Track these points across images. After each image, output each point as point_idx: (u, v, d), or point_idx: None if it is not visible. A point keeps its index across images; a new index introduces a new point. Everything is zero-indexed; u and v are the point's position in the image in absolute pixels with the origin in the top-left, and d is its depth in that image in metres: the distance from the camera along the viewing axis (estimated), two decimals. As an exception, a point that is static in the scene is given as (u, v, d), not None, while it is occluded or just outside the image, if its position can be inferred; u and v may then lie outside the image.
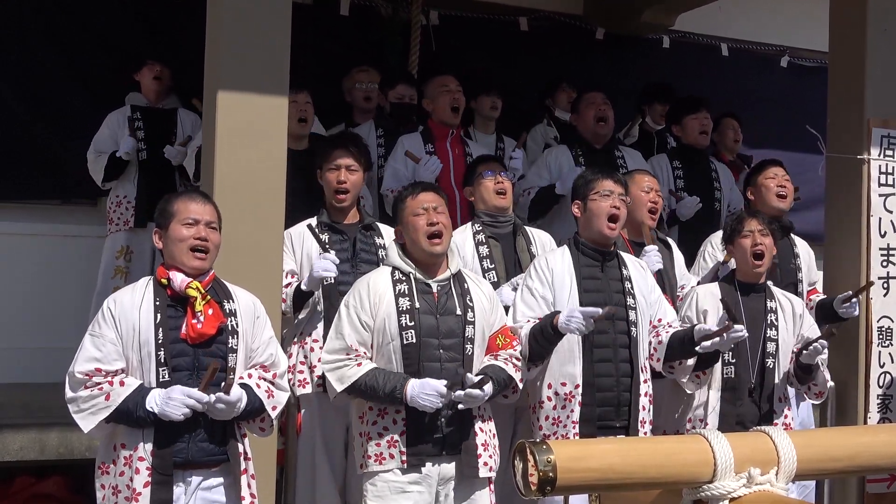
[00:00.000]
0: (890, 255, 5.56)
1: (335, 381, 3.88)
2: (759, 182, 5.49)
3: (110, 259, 6.01)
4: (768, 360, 4.61)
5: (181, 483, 3.47)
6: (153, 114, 6.12)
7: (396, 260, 4.03)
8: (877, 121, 5.55)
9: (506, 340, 4.08)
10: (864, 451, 2.36)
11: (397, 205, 4.17)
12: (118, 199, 6.02)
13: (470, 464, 3.92)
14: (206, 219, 3.61)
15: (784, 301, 4.77)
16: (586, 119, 5.99)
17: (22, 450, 4.83)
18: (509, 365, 4.02)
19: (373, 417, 3.91)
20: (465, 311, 3.98)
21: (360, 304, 3.93)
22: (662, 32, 7.99)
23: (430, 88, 5.83)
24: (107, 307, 3.52)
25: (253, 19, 4.31)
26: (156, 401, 3.39)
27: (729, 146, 6.89)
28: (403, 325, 3.89)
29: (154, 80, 6.14)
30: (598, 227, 4.38)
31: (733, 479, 2.17)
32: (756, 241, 4.67)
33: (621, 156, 6.02)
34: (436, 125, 5.74)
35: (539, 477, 2.05)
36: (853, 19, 5.61)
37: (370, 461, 3.87)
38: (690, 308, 4.68)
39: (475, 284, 4.12)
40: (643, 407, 4.31)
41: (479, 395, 3.83)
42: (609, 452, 2.18)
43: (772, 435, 2.26)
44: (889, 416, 5.48)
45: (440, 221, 4.01)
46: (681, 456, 2.20)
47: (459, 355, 3.94)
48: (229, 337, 3.57)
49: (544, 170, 5.88)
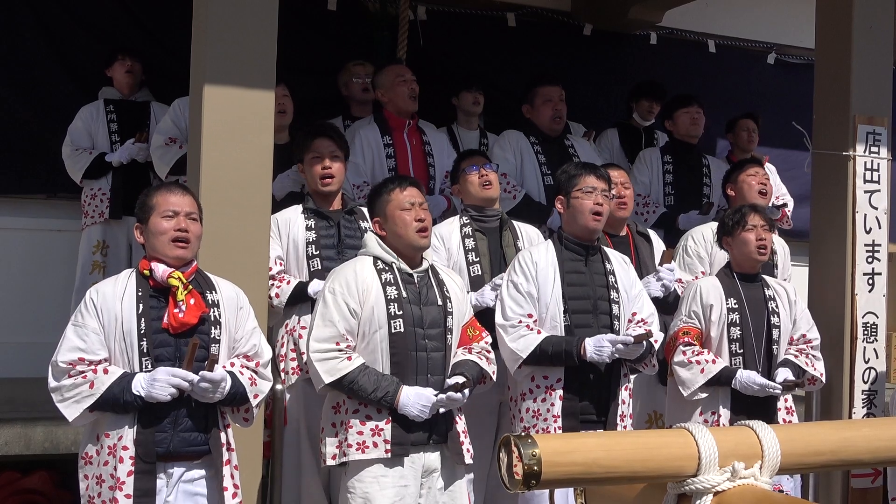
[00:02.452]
0: (875, 252, 5.59)
1: (324, 373, 3.82)
2: (741, 179, 5.53)
3: (87, 254, 6.01)
4: (773, 347, 4.69)
5: (163, 475, 3.48)
6: (126, 106, 6.12)
7: (377, 249, 4.00)
8: (862, 118, 5.57)
9: (475, 332, 4.10)
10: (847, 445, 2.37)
11: (379, 196, 4.10)
12: (93, 191, 6.00)
13: (456, 451, 3.93)
14: (185, 210, 3.61)
15: (779, 288, 4.86)
16: (543, 115, 5.92)
17: (7, 444, 4.81)
18: (482, 359, 4.03)
19: (353, 405, 3.86)
20: (444, 302, 3.99)
21: (347, 291, 3.88)
22: (650, 29, 8.00)
23: (385, 79, 5.69)
24: (89, 297, 3.52)
25: (240, 13, 4.30)
26: (141, 384, 3.40)
27: (743, 146, 6.91)
28: (392, 314, 3.87)
29: (126, 73, 6.14)
30: (583, 222, 4.40)
31: (717, 472, 2.17)
32: (760, 236, 4.74)
33: (571, 144, 5.99)
34: (392, 116, 5.64)
35: (524, 471, 2.05)
36: (839, 17, 5.63)
37: (351, 449, 3.80)
38: (696, 302, 4.70)
39: (448, 276, 4.14)
40: (623, 401, 4.33)
41: (459, 398, 3.86)
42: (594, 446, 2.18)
43: (756, 429, 2.26)
44: (873, 412, 5.50)
45: (426, 218, 4.03)
46: (665, 450, 2.20)
47: (442, 345, 3.95)
48: (212, 327, 3.58)
49: (510, 153, 5.81)
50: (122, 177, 5.91)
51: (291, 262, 4.62)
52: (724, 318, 4.66)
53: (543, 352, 4.20)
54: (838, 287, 5.56)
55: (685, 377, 4.60)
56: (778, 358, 4.72)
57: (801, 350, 4.80)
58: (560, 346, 4.21)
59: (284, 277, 4.56)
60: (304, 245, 4.61)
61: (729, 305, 4.68)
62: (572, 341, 4.21)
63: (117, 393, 3.40)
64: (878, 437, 2.40)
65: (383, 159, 5.50)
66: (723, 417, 4.58)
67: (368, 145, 5.52)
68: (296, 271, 4.62)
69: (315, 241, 4.62)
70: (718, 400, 4.63)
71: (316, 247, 4.61)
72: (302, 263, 4.61)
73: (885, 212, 5.64)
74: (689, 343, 4.64)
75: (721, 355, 4.65)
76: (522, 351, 4.21)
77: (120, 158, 5.89)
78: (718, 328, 4.67)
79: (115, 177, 5.94)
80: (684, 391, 4.60)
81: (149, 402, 3.40)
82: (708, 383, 4.58)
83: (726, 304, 4.68)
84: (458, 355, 4.02)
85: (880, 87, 5.66)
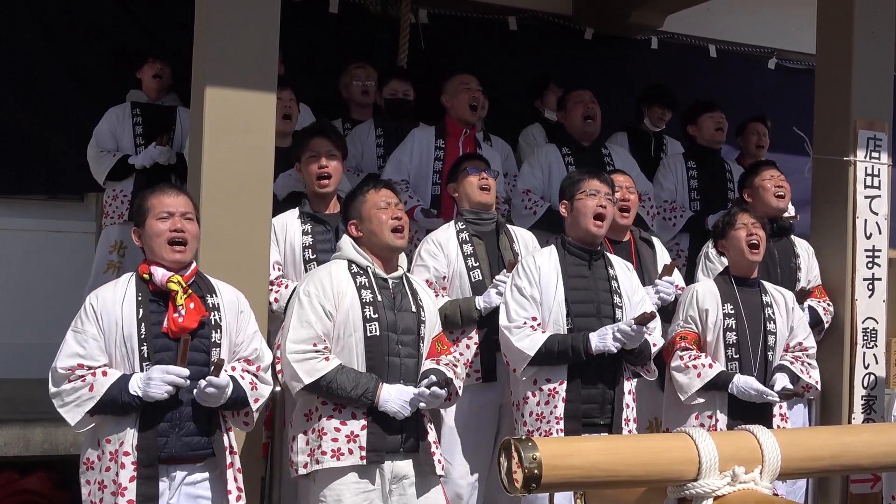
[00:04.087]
0: (875, 257, 5.59)
1: (303, 373, 3.77)
2: (756, 184, 5.56)
3: (104, 254, 6.01)
4: (769, 353, 4.69)
5: (165, 478, 3.47)
6: (153, 110, 6.12)
7: (352, 253, 3.98)
8: (863, 123, 5.57)
9: (443, 346, 4.09)
10: (847, 450, 2.37)
11: (354, 198, 4.11)
12: (115, 192, 6.00)
13: (428, 461, 3.90)
14: (181, 210, 3.61)
15: (777, 295, 4.86)
16: (574, 117, 5.99)
17: (6, 445, 4.82)
18: (451, 371, 4.00)
19: (328, 412, 3.82)
20: (418, 310, 3.98)
21: (322, 293, 3.85)
22: (651, 33, 8.01)
23: (451, 85, 5.79)
24: (89, 303, 3.52)
25: (241, 15, 4.29)
26: (138, 384, 3.40)
27: (752, 151, 6.93)
28: (367, 317, 3.85)
29: (154, 77, 6.14)
30: (585, 225, 4.41)
31: (717, 477, 2.17)
32: (751, 232, 4.75)
33: (608, 153, 6.02)
34: (452, 122, 5.73)
35: (524, 474, 2.05)
36: (840, 22, 5.63)
37: (325, 457, 3.76)
38: (692, 307, 4.71)
39: (420, 286, 4.14)
40: (627, 405, 4.34)
41: (442, 394, 3.84)
42: (594, 450, 2.19)
43: (756, 434, 2.26)
44: (873, 417, 5.50)
45: (402, 217, 4.03)
46: (665, 454, 2.20)
47: (416, 352, 3.94)
48: (212, 331, 3.57)
49: (538, 169, 5.88)
50: (144, 180, 5.90)
51: (289, 267, 4.62)
52: (721, 323, 4.67)
53: (549, 350, 4.21)
54: (838, 292, 5.56)
55: (682, 382, 4.60)
56: (773, 364, 4.72)
57: (797, 357, 4.80)
58: (566, 342, 4.22)
59: (283, 282, 4.56)
60: (300, 249, 4.61)
61: (725, 310, 4.69)
62: (578, 337, 4.22)
63: (116, 394, 3.40)
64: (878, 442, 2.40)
65: (430, 161, 5.52)
66: (720, 422, 4.58)
67: (420, 146, 5.57)
68: (293, 276, 4.61)
69: (312, 245, 4.62)
70: (716, 404, 4.63)
71: (313, 251, 4.61)
72: (299, 268, 4.60)
73: (886, 217, 5.63)
74: (685, 348, 4.65)
75: (717, 360, 4.65)
76: (529, 349, 4.21)
77: (143, 162, 5.89)
78: (714, 333, 4.67)
79: (138, 179, 5.94)
80: (682, 395, 4.60)
81: (147, 401, 3.40)
82: (705, 388, 4.58)
83: (722, 309, 4.69)
84: (425, 365, 3.99)
85: (881, 92, 5.66)
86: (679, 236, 6.14)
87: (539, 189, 5.81)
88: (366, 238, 4.01)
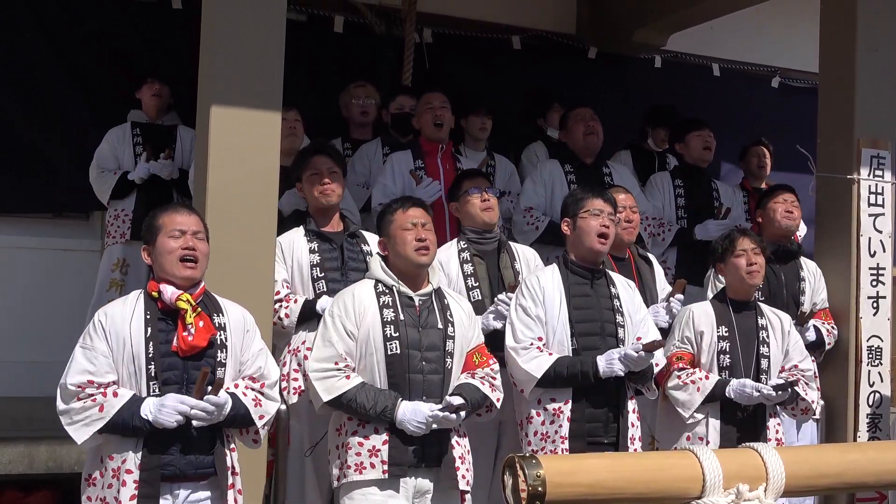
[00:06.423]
0: (879, 275, 5.59)
1: (323, 391, 3.86)
2: (768, 206, 5.60)
3: (106, 271, 6.01)
4: (762, 377, 4.65)
5: (168, 496, 3.47)
6: (153, 130, 6.14)
7: (379, 272, 4.05)
8: (866, 141, 5.59)
9: (482, 359, 4.11)
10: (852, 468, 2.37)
11: (384, 217, 4.17)
12: (116, 212, 6.01)
13: (449, 476, 3.93)
14: (192, 229, 3.63)
15: (773, 318, 4.83)
16: (575, 134, 6.00)
17: (10, 463, 4.81)
18: (485, 384, 4.03)
19: (353, 427, 3.90)
20: (445, 326, 4.00)
21: (344, 314, 3.94)
22: (654, 52, 8.03)
23: (419, 107, 5.84)
24: (97, 320, 3.52)
25: (247, 35, 4.32)
26: (150, 409, 3.40)
27: (754, 171, 6.95)
28: (388, 336, 3.90)
29: (153, 97, 6.16)
30: (589, 244, 4.41)
31: (722, 494, 2.17)
32: (751, 261, 4.74)
33: (609, 172, 6.04)
34: (425, 142, 5.75)
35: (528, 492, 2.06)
36: (843, 40, 5.65)
37: (350, 471, 3.85)
38: (689, 328, 4.71)
39: (455, 301, 4.16)
40: (632, 423, 4.33)
41: (453, 419, 3.86)
42: (598, 468, 2.19)
43: (760, 451, 2.27)
44: (878, 435, 5.49)
45: (428, 238, 4.05)
46: (670, 472, 2.21)
47: (441, 368, 3.96)
48: (218, 351, 3.57)
49: (540, 186, 5.89)
50: (145, 198, 5.92)
51: (297, 285, 4.63)
52: (715, 345, 4.67)
53: (558, 374, 4.23)
54: (843, 310, 5.56)
55: (683, 399, 4.60)
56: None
57: (793, 375, 4.77)
58: (575, 367, 4.23)
59: (292, 297, 4.57)
60: (308, 267, 4.63)
61: (720, 333, 4.68)
62: (587, 361, 4.23)
63: (127, 417, 3.40)
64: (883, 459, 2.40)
65: (413, 182, 5.53)
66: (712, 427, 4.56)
67: (399, 170, 5.60)
68: (301, 293, 4.62)
69: (319, 263, 4.64)
70: (707, 411, 4.61)
71: (320, 269, 4.63)
72: (307, 286, 4.62)
73: (890, 235, 5.64)
74: (682, 368, 4.65)
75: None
76: (536, 371, 4.22)
77: (140, 175, 5.90)
78: (709, 355, 4.67)
79: (139, 198, 5.95)
80: (684, 413, 4.59)
81: (155, 426, 3.40)
82: (705, 400, 4.56)
83: (717, 331, 4.68)
84: (460, 379, 4.02)
85: (884, 110, 5.68)
86: (666, 251, 6.14)
87: (541, 206, 5.82)
88: (392, 257, 4.07)
